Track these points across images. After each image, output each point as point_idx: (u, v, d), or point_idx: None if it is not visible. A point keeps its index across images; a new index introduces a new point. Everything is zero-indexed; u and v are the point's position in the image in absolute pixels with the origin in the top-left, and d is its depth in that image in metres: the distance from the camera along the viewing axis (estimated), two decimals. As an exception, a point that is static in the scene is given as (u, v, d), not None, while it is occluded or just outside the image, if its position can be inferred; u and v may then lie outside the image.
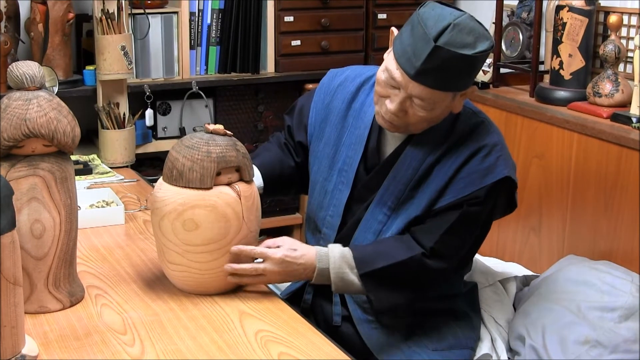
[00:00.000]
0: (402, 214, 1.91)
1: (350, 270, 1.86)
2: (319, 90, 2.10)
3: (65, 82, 2.89)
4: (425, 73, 1.76)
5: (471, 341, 2.03)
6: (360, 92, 2.03)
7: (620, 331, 2.02)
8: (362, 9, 3.35)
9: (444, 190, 1.87)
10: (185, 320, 1.68)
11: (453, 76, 1.79)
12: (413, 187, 1.90)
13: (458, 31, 1.75)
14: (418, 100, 1.80)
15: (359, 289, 1.88)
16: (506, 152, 1.92)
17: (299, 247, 1.85)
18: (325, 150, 2.03)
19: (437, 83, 1.78)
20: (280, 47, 3.25)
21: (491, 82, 3.01)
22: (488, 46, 1.79)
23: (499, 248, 2.83)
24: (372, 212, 1.94)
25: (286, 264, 1.82)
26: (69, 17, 2.88)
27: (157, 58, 3.09)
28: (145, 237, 2.14)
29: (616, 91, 2.54)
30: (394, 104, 1.82)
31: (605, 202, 2.41)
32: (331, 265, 1.85)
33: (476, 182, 1.86)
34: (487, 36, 1.80)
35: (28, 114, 1.59)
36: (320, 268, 1.85)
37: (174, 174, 1.73)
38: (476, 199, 1.86)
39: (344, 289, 1.89)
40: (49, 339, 1.59)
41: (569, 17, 2.65)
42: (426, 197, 1.89)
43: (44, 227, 1.65)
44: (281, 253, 1.81)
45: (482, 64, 1.86)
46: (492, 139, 1.90)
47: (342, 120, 2.02)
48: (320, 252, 1.86)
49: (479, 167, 1.86)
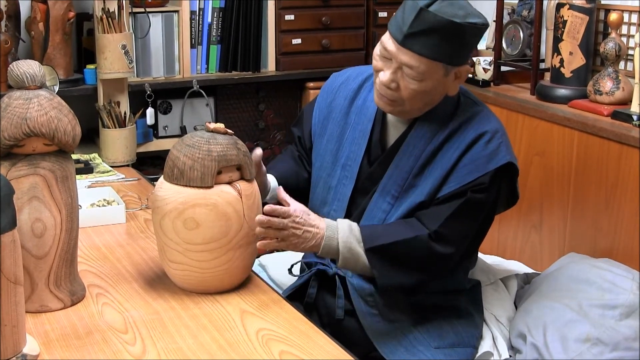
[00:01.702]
0: (405, 201, 1.92)
1: (357, 244, 1.88)
2: (322, 93, 2.13)
3: (66, 81, 2.89)
4: (412, 37, 1.80)
5: (473, 339, 2.03)
6: (362, 89, 2.05)
7: (621, 329, 2.02)
8: (362, 7, 3.35)
9: (448, 177, 1.89)
10: (187, 319, 1.68)
11: (440, 43, 1.80)
12: (416, 174, 1.92)
13: (449, 3, 1.80)
14: (407, 69, 1.83)
15: (364, 263, 1.89)
16: (507, 139, 1.94)
17: (311, 213, 1.89)
18: (328, 147, 2.04)
19: (423, 49, 1.80)
20: (281, 45, 3.25)
21: (492, 80, 3.01)
22: (479, 21, 1.82)
23: (500, 246, 2.83)
24: (376, 201, 1.95)
25: (302, 223, 1.84)
26: (69, 16, 2.88)
27: (158, 57, 3.09)
28: (146, 236, 2.14)
29: (617, 89, 2.53)
30: (386, 75, 1.86)
31: (605, 199, 2.41)
32: (340, 234, 1.87)
33: (480, 168, 1.87)
34: (480, 15, 1.83)
35: (29, 113, 1.59)
36: (328, 237, 1.87)
37: (174, 172, 1.74)
38: (481, 185, 1.88)
39: (350, 262, 1.90)
40: (50, 338, 1.59)
41: (570, 14, 2.65)
42: (429, 183, 1.90)
43: (44, 226, 1.65)
44: (300, 211, 1.84)
45: (474, 41, 1.88)
46: (494, 126, 1.92)
47: (344, 117, 2.04)
48: (330, 222, 1.89)
49: (482, 153, 1.88)
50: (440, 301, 2.02)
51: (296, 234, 1.84)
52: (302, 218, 1.84)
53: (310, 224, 1.85)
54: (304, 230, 1.84)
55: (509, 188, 1.98)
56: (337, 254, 1.88)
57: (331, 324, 1.99)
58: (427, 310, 2.01)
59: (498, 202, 1.97)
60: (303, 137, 2.13)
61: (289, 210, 1.83)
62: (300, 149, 2.14)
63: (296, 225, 1.84)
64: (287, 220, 1.82)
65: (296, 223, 1.83)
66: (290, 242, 1.85)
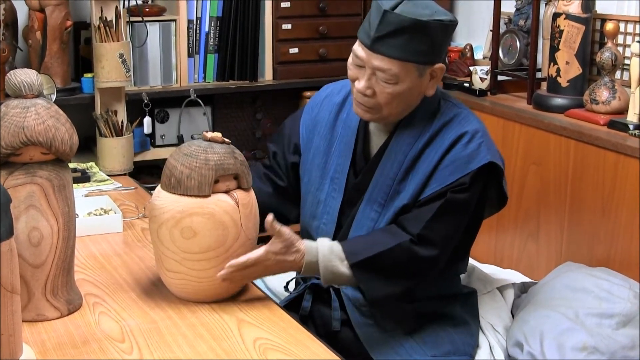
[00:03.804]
0: (392, 208, 1.92)
1: (340, 263, 1.87)
2: (307, 108, 2.13)
3: (63, 90, 2.89)
4: (380, 40, 1.81)
5: (469, 348, 2.03)
6: (346, 102, 2.06)
7: (618, 338, 2.02)
8: (359, 16, 3.36)
9: (429, 179, 1.89)
10: (184, 328, 1.68)
11: (409, 43, 1.81)
12: (400, 180, 1.92)
13: (413, 5, 1.82)
14: (381, 73, 1.84)
15: (349, 280, 1.88)
16: (488, 139, 1.94)
17: (285, 242, 1.84)
18: (315, 161, 2.04)
19: (393, 51, 1.81)
20: (278, 54, 3.25)
21: (489, 89, 3.02)
22: (446, 18, 1.83)
23: (497, 255, 2.83)
24: (363, 210, 1.95)
25: (272, 262, 1.82)
26: (67, 25, 2.88)
27: (155, 66, 3.10)
28: (143, 245, 2.14)
29: (613, 98, 2.54)
30: (361, 83, 1.87)
31: (602, 209, 2.42)
32: (320, 258, 1.86)
33: (461, 169, 1.88)
34: (446, 13, 1.85)
35: (26, 122, 1.60)
36: (309, 261, 1.85)
37: (172, 181, 1.74)
38: (461, 186, 1.87)
39: (334, 281, 1.90)
40: (47, 347, 1.59)
41: (566, 24, 2.66)
42: (412, 187, 1.90)
43: (41, 235, 1.65)
44: (264, 251, 1.80)
45: (444, 39, 1.87)
46: (473, 126, 1.93)
47: (330, 130, 2.04)
48: (309, 245, 1.87)
49: (462, 153, 1.88)
50: (436, 308, 2.02)
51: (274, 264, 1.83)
52: (271, 257, 1.81)
53: (281, 260, 1.83)
54: (272, 268, 1.84)
55: (495, 189, 1.98)
56: (319, 274, 1.88)
57: (327, 335, 1.98)
58: (423, 318, 2.00)
59: (484, 203, 1.97)
60: (279, 153, 2.11)
61: (247, 261, 1.78)
62: (274, 164, 2.12)
63: (262, 268, 1.82)
64: (251, 268, 1.80)
65: (262, 266, 1.82)
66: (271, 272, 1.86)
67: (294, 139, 2.10)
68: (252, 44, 3.19)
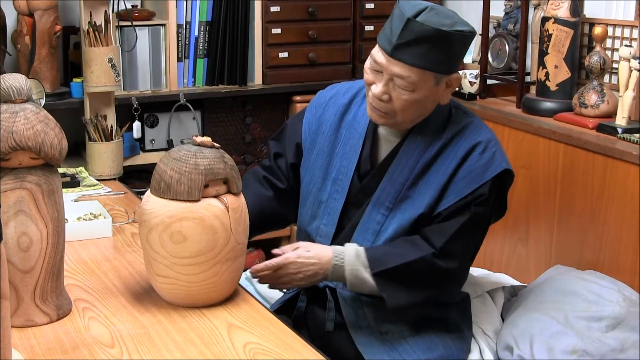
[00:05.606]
0: (399, 213, 1.94)
1: (364, 269, 1.90)
2: (310, 108, 2.12)
3: (53, 95, 2.89)
4: (401, 48, 1.82)
5: (462, 353, 2.04)
6: (352, 104, 2.06)
7: (607, 340, 2.03)
8: (349, 20, 3.36)
9: (446, 190, 1.91)
10: (174, 333, 1.68)
11: (429, 52, 1.83)
12: (409, 186, 1.93)
13: (435, 13, 1.83)
14: (399, 79, 1.85)
15: (372, 287, 1.92)
16: (500, 147, 1.98)
17: (312, 248, 1.92)
18: (317, 161, 2.05)
19: (413, 59, 1.82)
20: (268, 59, 3.25)
21: (478, 93, 3.03)
22: (467, 29, 1.85)
23: (486, 258, 2.83)
24: (370, 213, 1.97)
25: (299, 265, 1.89)
26: (56, 30, 2.87)
27: (145, 70, 3.09)
28: (133, 249, 2.13)
29: (602, 102, 2.55)
30: (378, 87, 1.88)
31: (591, 212, 2.43)
32: (346, 262, 1.90)
33: (478, 179, 1.90)
34: (466, 24, 1.87)
35: (15, 127, 1.59)
36: (335, 265, 1.90)
37: (161, 186, 1.73)
38: (482, 197, 1.90)
39: (357, 287, 1.93)
40: (36, 352, 1.58)
41: (555, 28, 2.67)
42: (427, 196, 1.92)
43: (30, 240, 1.64)
44: (294, 255, 1.90)
45: (462, 49, 1.90)
46: (486, 135, 1.96)
47: (335, 131, 2.05)
48: (337, 250, 1.92)
49: (478, 163, 1.91)
50: (430, 313, 2.03)
51: (297, 278, 1.91)
52: (299, 260, 1.90)
53: (310, 263, 1.90)
54: (302, 273, 1.90)
55: (499, 198, 1.99)
56: (345, 280, 1.92)
57: (320, 336, 1.99)
58: (417, 322, 2.01)
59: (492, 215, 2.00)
60: (283, 152, 2.12)
61: (279, 263, 1.89)
62: (274, 165, 2.13)
63: (293, 271, 1.90)
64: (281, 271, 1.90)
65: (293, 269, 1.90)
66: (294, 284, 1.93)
67: (296, 139, 2.10)
68: (241, 48, 3.19)
